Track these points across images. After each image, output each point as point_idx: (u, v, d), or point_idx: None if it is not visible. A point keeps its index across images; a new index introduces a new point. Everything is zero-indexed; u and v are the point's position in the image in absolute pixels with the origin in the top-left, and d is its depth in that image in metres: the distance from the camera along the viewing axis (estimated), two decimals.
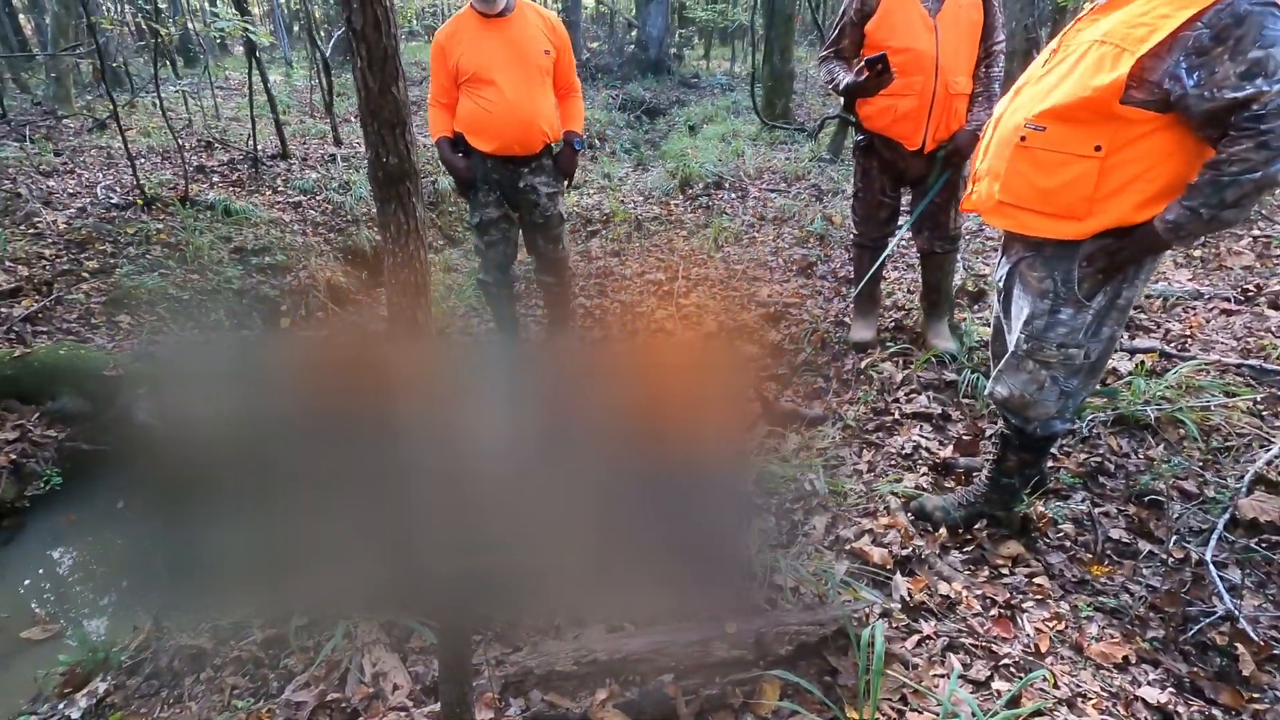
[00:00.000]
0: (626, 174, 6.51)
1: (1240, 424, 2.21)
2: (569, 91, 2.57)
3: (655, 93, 11.35)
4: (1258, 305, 3.13)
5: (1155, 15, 1.28)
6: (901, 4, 2.34)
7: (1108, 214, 1.39)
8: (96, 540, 2.62)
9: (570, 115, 2.58)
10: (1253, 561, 1.73)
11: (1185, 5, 1.26)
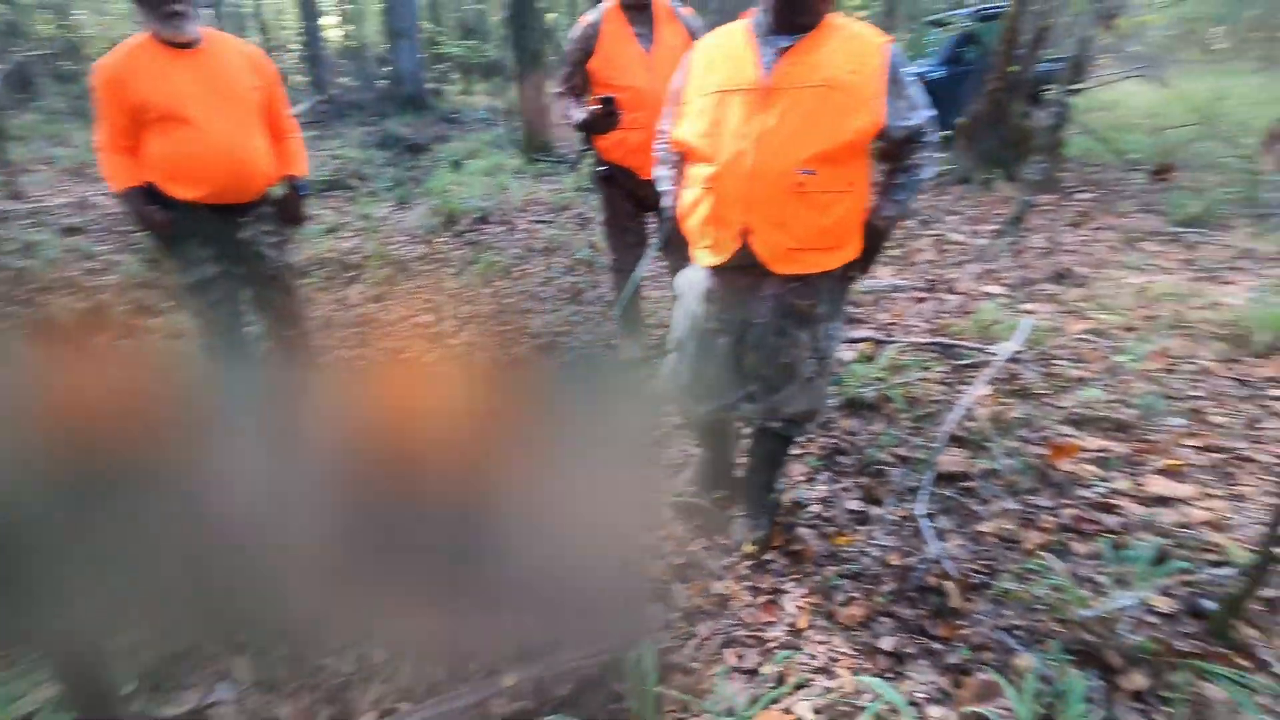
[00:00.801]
0: (388, 214, 6.19)
1: (934, 393, 2.64)
2: (284, 132, 2.34)
3: (416, 128, 11.01)
4: (939, 292, 3.79)
5: (860, 61, 1.49)
6: (619, 44, 2.49)
7: (857, 235, 1.64)
8: None
9: (290, 157, 2.35)
10: (952, 508, 2.07)
11: (873, 52, 1.50)
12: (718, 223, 1.60)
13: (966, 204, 5.67)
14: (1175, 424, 2.42)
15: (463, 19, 19.64)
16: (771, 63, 1.51)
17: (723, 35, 1.63)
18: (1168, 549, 1.82)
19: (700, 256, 1.69)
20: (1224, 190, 5.22)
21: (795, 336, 1.68)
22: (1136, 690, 1.43)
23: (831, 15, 1.56)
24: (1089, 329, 3.15)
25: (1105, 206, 5.41)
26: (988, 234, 4.74)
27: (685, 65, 1.68)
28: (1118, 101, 10.88)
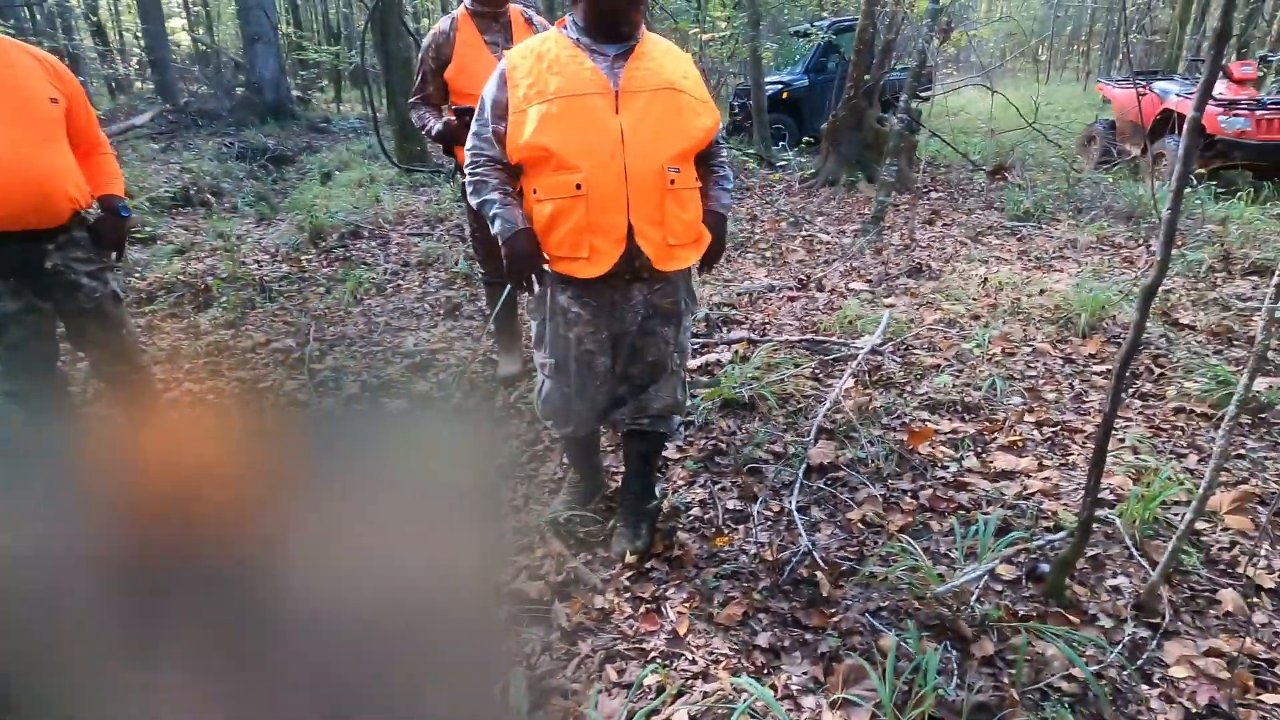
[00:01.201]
0: (248, 231, 5.75)
1: (805, 388, 2.76)
2: (94, 147, 2.09)
3: (280, 139, 10.32)
4: (810, 290, 3.96)
5: (685, 68, 1.62)
6: (472, 53, 2.43)
7: (705, 229, 1.72)
8: None
9: (104, 176, 2.10)
10: (824, 499, 2.15)
11: (690, 61, 1.64)
12: (597, 230, 1.55)
13: (833, 205, 6.00)
14: (1015, 403, 2.65)
15: (327, 23, 18.68)
16: (611, 69, 1.54)
17: (539, 45, 1.59)
18: (1010, 519, 1.99)
19: (574, 270, 1.60)
20: (1050, 188, 5.81)
21: (661, 334, 1.74)
22: (986, 656, 1.54)
23: (644, 27, 1.65)
24: (941, 319, 3.40)
25: (954, 204, 5.89)
26: (852, 233, 5.03)
27: (499, 77, 1.60)
28: (961, 108, 11.91)
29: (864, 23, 6.04)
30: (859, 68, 6.12)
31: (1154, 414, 2.54)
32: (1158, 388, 2.71)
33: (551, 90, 1.53)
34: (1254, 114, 5.45)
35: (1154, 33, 15.89)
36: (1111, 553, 1.85)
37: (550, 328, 1.74)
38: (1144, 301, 1.44)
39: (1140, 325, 1.46)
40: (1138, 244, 4.53)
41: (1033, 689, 1.45)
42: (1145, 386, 2.72)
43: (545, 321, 1.75)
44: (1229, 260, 3.94)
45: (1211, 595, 1.70)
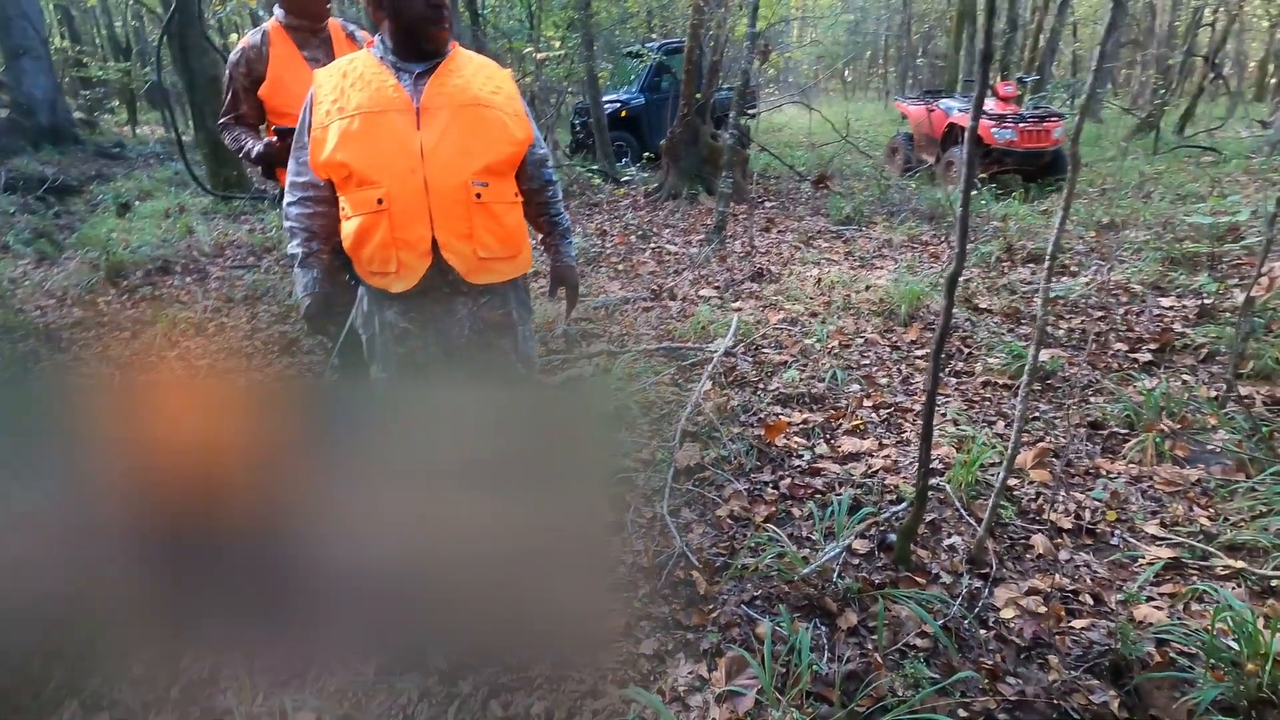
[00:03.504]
0: (24, 273, 4.95)
1: (666, 394, 2.83)
2: None
3: (62, 167, 9.03)
4: (663, 300, 4.08)
5: (497, 83, 1.61)
6: (290, 69, 2.26)
7: (529, 246, 1.72)
8: None
9: None
10: (693, 500, 2.21)
11: (505, 77, 1.64)
12: (401, 245, 1.55)
13: (677, 217, 6.24)
14: (855, 390, 2.88)
15: (113, 37, 16.68)
16: (414, 85, 1.54)
17: (346, 64, 1.59)
18: (860, 497, 2.15)
19: (387, 284, 1.60)
20: (865, 194, 6.44)
21: (499, 346, 1.73)
22: (851, 627, 1.65)
23: (457, 45, 1.65)
24: (784, 318, 3.64)
25: (786, 212, 6.34)
26: (697, 243, 5.26)
27: (308, 98, 1.59)
28: (785, 124, 12.89)
29: (690, 44, 6.37)
30: (690, 87, 6.44)
31: (967, 388, 2.87)
32: (968, 365, 3.07)
33: (352, 107, 1.53)
34: (1018, 126, 6.39)
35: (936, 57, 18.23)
36: (945, 516, 2.06)
37: (380, 342, 1.72)
38: (949, 289, 1.63)
39: (948, 310, 1.64)
40: (940, 241, 5.12)
41: (893, 650, 1.57)
42: (958, 365, 3.07)
43: (375, 337, 1.73)
44: (1011, 251, 4.56)
45: (1026, 542, 1.94)
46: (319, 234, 1.65)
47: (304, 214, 1.63)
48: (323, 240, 1.65)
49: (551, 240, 1.83)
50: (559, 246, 1.84)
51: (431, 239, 1.55)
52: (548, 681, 1.54)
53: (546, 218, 1.80)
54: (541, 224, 1.82)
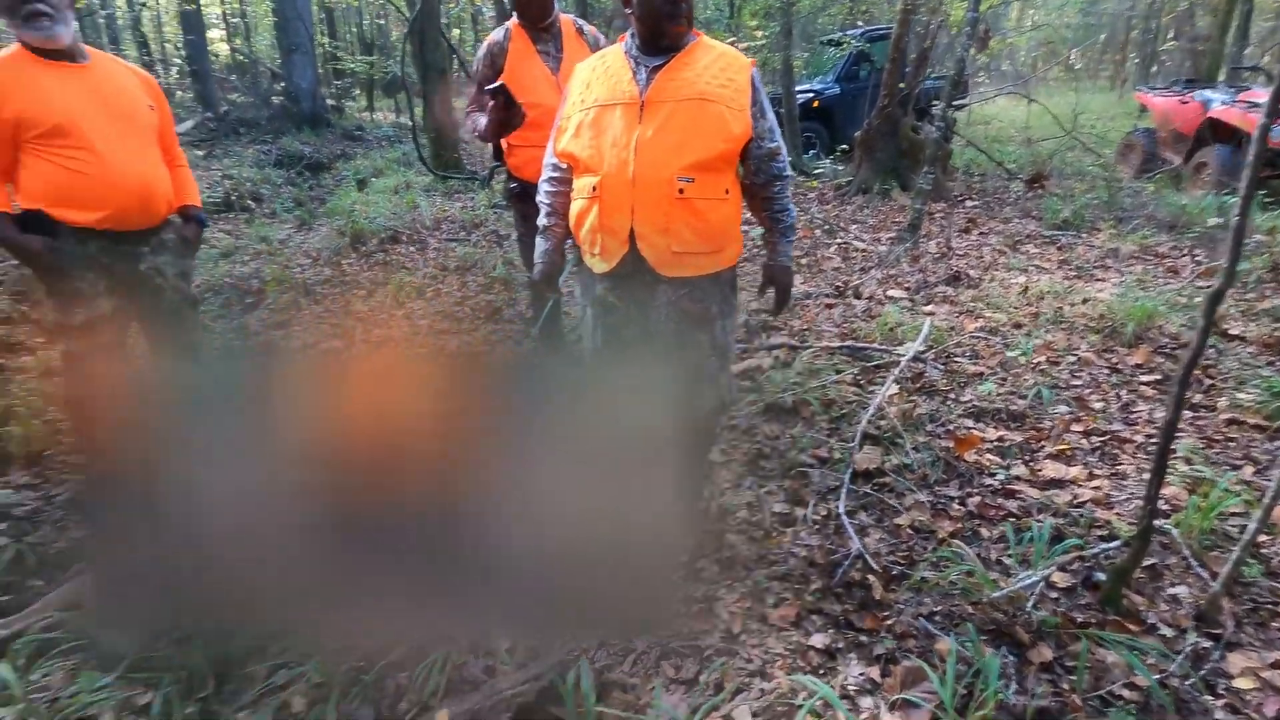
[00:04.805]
0: (289, 235, 5.90)
1: (848, 394, 2.76)
2: (175, 160, 2.19)
3: (316, 146, 10.55)
4: (847, 297, 3.96)
5: (729, 76, 1.62)
6: (525, 63, 2.49)
7: (736, 240, 1.74)
8: None
9: (185, 188, 2.20)
10: (871, 504, 2.16)
11: (741, 69, 1.64)
12: (605, 230, 1.67)
13: (867, 213, 5.98)
14: (1062, 411, 2.62)
15: (361, 33, 19.06)
16: (647, 79, 1.62)
17: (600, 57, 1.75)
18: (1062, 528, 1.97)
19: (592, 264, 1.75)
20: (1089, 196, 5.74)
21: (695, 339, 1.77)
22: (1045, 662, 1.53)
23: (702, 36, 1.70)
24: (982, 327, 3.38)
25: (990, 213, 5.84)
26: (888, 241, 5.01)
27: (568, 87, 1.78)
28: (994, 116, 11.80)
29: (899, 30, 6.04)
30: (893, 76, 6.11)
31: (1206, 425, 2.50)
32: (1208, 398, 2.67)
33: (592, 99, 1.68)
34: None
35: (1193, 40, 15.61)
36: (1169, 563, 1.83)
37: (590, 315, 1.86)
38: (1209, 308, 1.44)
39: (1205, 332, 1.45)
40: (1182, 253, 4.45)
41: (1094, 696, 1.44)
42: (1195, 397, 2.68)
43: (586, 309, 1.88)
44: (1277, 270, 3.86)
45: (1273, 607, 1.67)
46: (558, 210, 1.82)
47: (549, 191, 1.82)
48: (560, 216, 1.82)
49: (771, 237, 1.83)
50: (777, 244, 1.82)
51: (630, 229, 1.64)
52: (717, 654, 1.60)
53: (769, 213, 1.79)
54: (764, 219, 1.82)
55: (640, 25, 1.63)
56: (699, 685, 1.50)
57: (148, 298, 2.12)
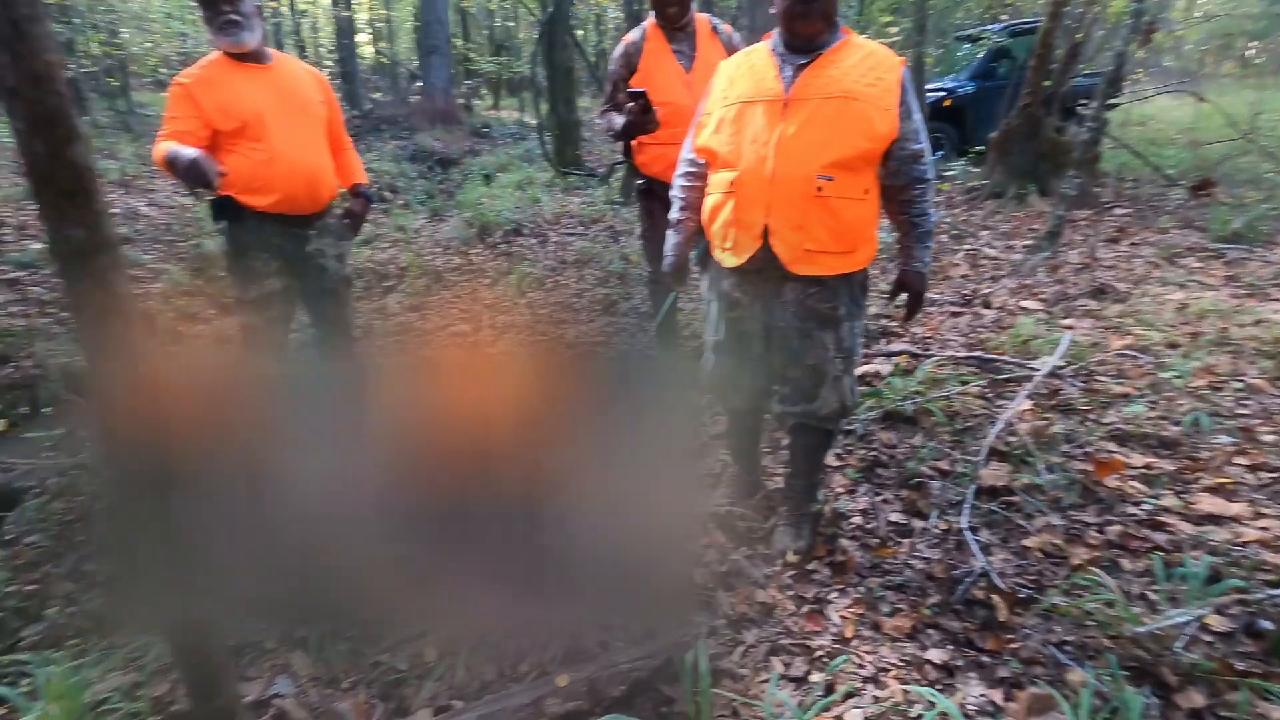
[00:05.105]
0: (422, 225, 6.31)
1: (974, 406, 2.63)
2: (343, 144, 2.44)
3: (446, 143, 11.20)
4: (974, 306, 3.77)
5: (878, 75, 1.60)
6: (658, 62, 2.55)
7: (871, 241, 1.70)
8: None
9: (354, 168, 2.46)
10: (996, 522, 2.05)
11: (891, 68, 1.61)
12: (739, 225, 1.69)
13: (999, 219, 5.64)
14: (1224, 442, 2.38)
15: (492, 35, 19.99)
16: (792, 77, 1.62)
17: (746, 54, 1.77)
18: (1221, 568, 1.79)
19: (722, 259, 1.78)
20: (1266, 206, 5.13)
21: (820, 339, 1.75)
22: (1194, 709, 1.41)
23: (851, 35, 1.68)
24: (1130, 345, 3.11)
25: (1143, 222, 5.34)
26: (1023, 249, 4.71)
27: (711, 83, 1.81)
28: (1152, 116, 10.73)
29: (1049, 24, 5.63)
30: (1039, 72, 5.71)
31: None
32: None
33: (735, 95, 1.70)
34: None
35: None
36: None
37: (715, 308, 1.89)
38: None
39: None
40: None
41: None
42: None
43: (712, 303, 1.91)
44: None
45: None
46: (691, 205, 1.86)
47: (684, 186, 1.86)
48: (693, 211, 1.87)
49: (906, 242, 1.77)
50: (912, 250, 1.76)
51: (764, 226, 1.65)
52: (828, 656, 1.59)
53: (906, 217, 1.73)
54: (900, 222, 1.76)
55: (780, 22, 1.65)
56: (809, 684, 1.50)
57: (312, 276, 2.35)
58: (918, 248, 1.76)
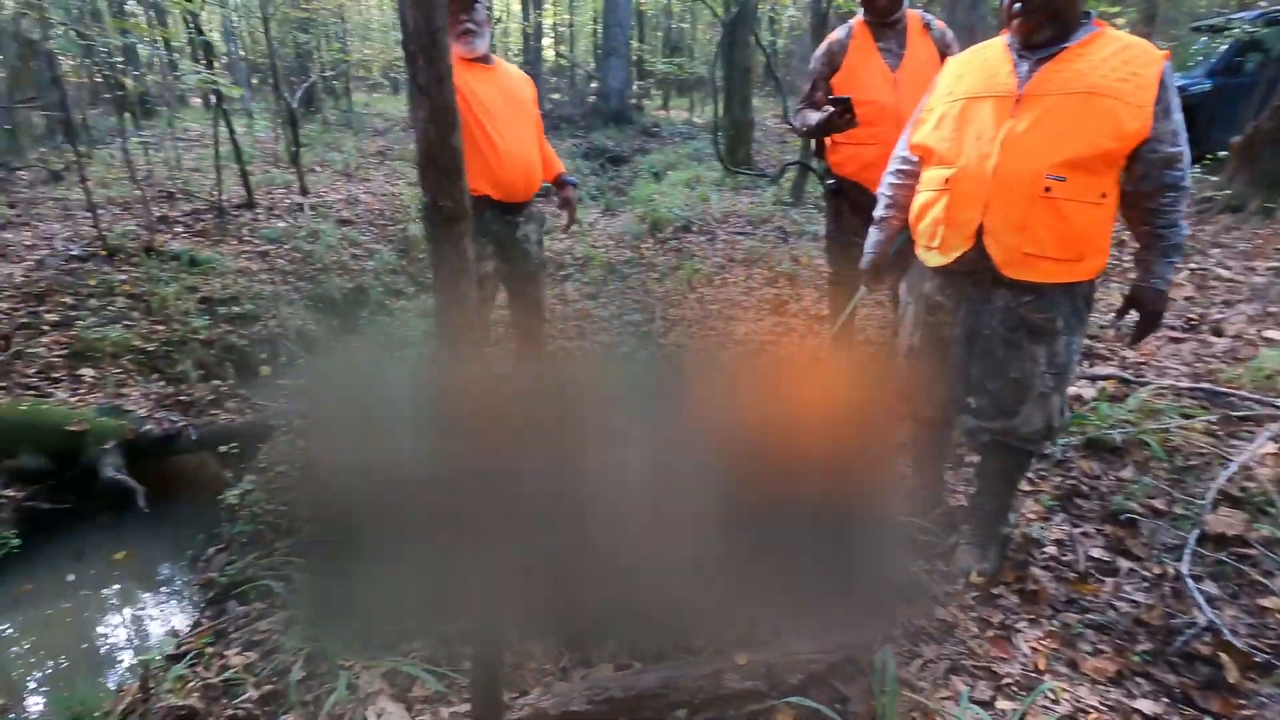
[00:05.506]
0: (595, 219, 6.63)
1: (1199, 444, 2.33)
2: (542, 139, 2.66)
3: (618, 141, 11.66)
4: (1201, 333, 3.33)
5: (1133, 70, 1.46)
6: (864, 60, 2.49)
7: (1102, 251, 1.56)
8: (56, 612, 2.47)
9: (554, 160, 2.68)
10: (1224, 574, 1.82)
11: (1150, 63, 1.46)
12: (950, 223, 1.63)
13: (1237, 235, 4.90)
14: None
15: (668, 37, 20.43)
16: (1028, 73, 1.53)
17: (979, 49, 1.69)
18: None
19: (926, 258, 1.72)
20: None
21: (1029, 351, 1.63)
22: None
23: (1105, 27, 1.55)
24: None
25: None
26: (1267, 271, 4.06)
27: (937, 79, 1.75)
28: None
29: None
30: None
31: None
32: None
33: (960, 91, 1.64)
34: None
35: None
36: None
37: (914, 311, 1.84)
38: None
39: None
40: None
41: None
42: None
43: (910, 305, 1.86)
44: None
45: None
46: (897, 203, 1.83)
47: (893, 184, 1.84)
48: (900, 210, 1.83)
49: (1147, 255, 1.60)
50: (1153, 264, 1.59)
51: (979, 225, 1.57)
52: (1017, 685, 1.50)
53: (1150, 227, 1.56)
54: (1142, 233, 1.59)
55: (1014, 23, 1.55)
56: (996, 709, 1.43)
57: (518, 260, 2.58)
58: (1159, 262, 1.58)
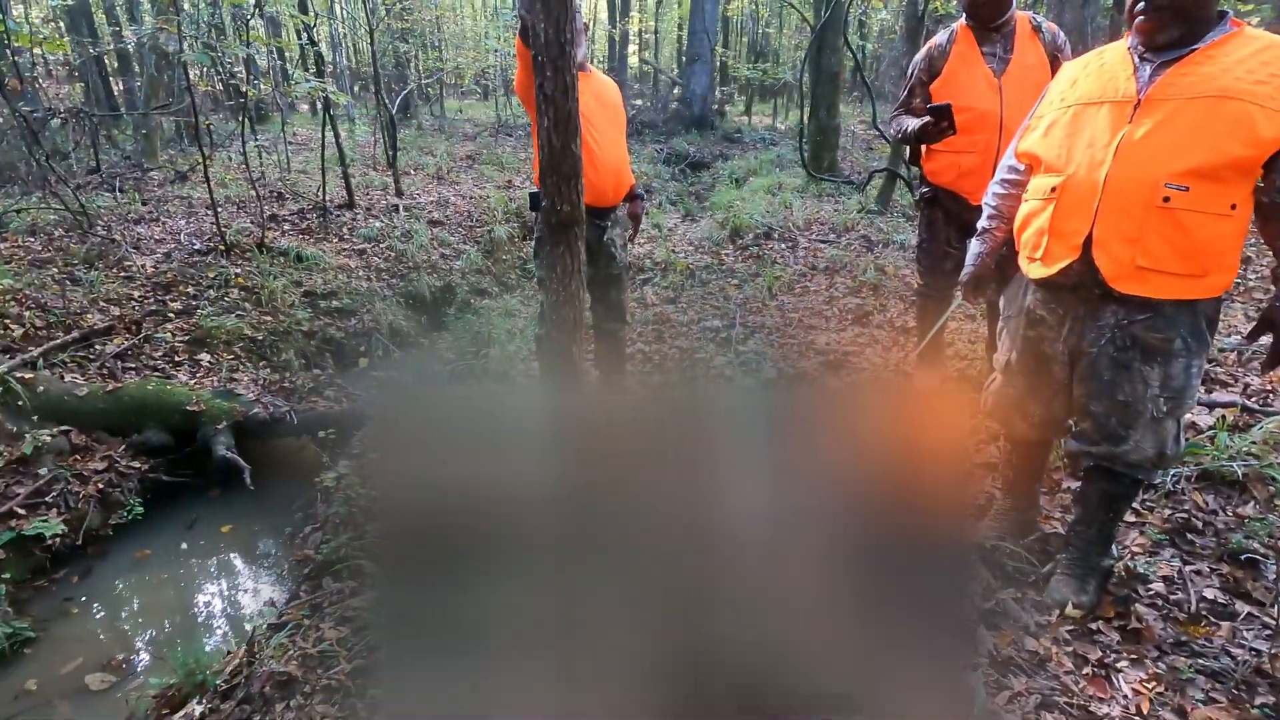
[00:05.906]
0: (675, 224, 6.66)
1: None
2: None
3: (699, 147, 11.66)
4: None
5: (1271, 71, 1.35)
6: (966, 65, 2.41)
7: (1229, 268, 1.44)
8: (170, 576, 2.70)
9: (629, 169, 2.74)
10: None
11: None
12: (1055, 234, 1.56)
13: None
14: None
15: (753, 43, 20.30)
16: (1150, 77, 1.45)
17: (1098, 52, 1.61)
18: None
19: (1029, 269, 1.64)
20: None
21: (1141, 373, 1.53)
22: None
23: (1243, 27, 1.44)
24: None
25: None
26: None
27: (1050, 85, 1.68)
28: None
29: None
30: None
31: None
32: None
33: (1074, 97, 1.56)
34: None
35: None
36: None
37: (1013, 325, 1.76)
38: None
39: None
40: None
41: None
42: None
43: (1011, 319, 1.78)
44: None
45: None
46: (1002, 214, 1.76)
47: (998, 194, 1.77)
48: (1002, 220, 1.77)
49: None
50: None
51: (1086, 236, 1.49)
52: None
53: None
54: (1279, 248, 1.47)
55: (1133, 26, 1.47)
56: None
57: (604, 263, 2.63)
58: None
